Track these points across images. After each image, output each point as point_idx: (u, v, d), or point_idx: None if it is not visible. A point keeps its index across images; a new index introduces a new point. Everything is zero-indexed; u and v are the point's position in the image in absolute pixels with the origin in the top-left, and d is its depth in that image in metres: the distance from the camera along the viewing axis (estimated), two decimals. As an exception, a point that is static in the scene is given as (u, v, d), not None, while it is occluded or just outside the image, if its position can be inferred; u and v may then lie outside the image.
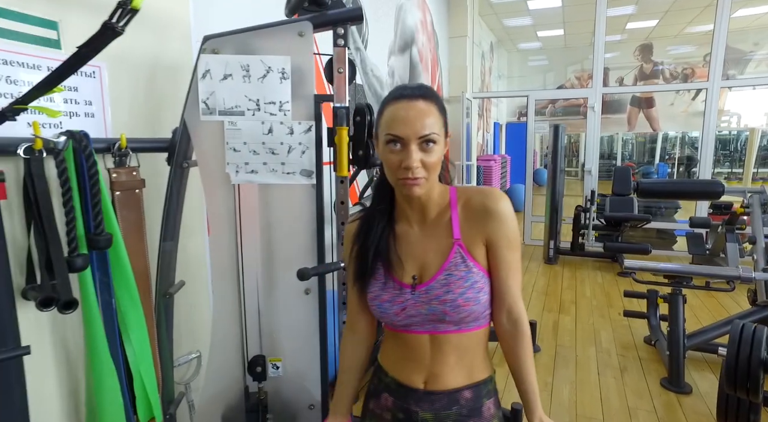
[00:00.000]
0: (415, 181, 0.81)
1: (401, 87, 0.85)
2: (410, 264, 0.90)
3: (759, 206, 2.65)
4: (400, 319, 0.89)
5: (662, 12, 7.03)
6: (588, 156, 5.48)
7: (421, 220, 0.91)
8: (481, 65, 7.18)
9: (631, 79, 9.23)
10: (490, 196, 0.88)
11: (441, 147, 0.83)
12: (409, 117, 0.80)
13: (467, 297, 0.85)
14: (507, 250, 0.87)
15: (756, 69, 8.89)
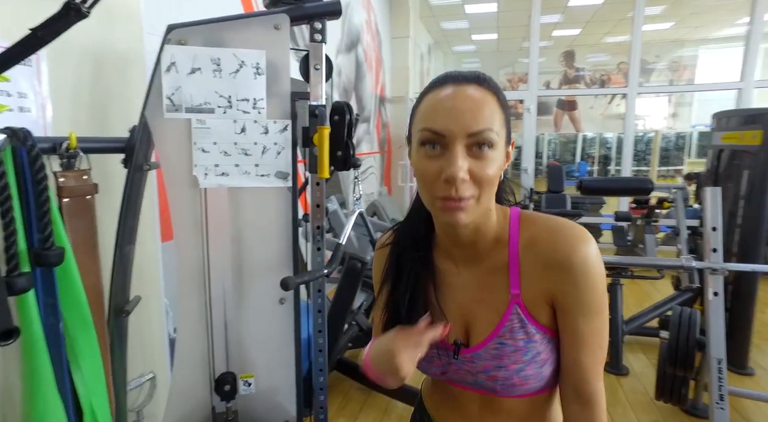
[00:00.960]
0: (459, 203, 0.56)
1: (449, 72, 0.62)
2: (453, 318, 0.68)
3: (682, 201, 2.93)
4: (442, 378, 0.73)
5: (585, 22, 7.56)
6: (524, 155, 5.76)
7: (468, 258, 0.68)
8: (420, 66, 7.29)
9: (556, 83, 9.83)
10: (565, 238, 0.61)
11: (501, 155, 0.59)
12: (455, 107, 0.56)
13: (525, 375, 0.63)
14: (582, 318, 0.62)
15: (658, 78, 9.89)
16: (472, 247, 0.66)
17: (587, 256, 0.60)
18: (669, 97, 10.86)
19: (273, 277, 1.25)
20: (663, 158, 12.42)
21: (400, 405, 2.33)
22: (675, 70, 9.77)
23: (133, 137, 1.16)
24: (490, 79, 0.61)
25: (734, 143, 2.69)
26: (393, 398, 2.35)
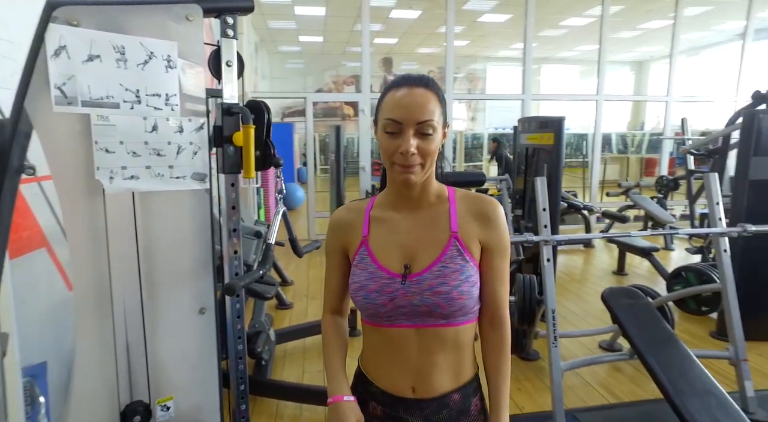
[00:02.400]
0: (409, 168, 0.81)
1: (404, 76, 0.86)
2: (399, 253, 0.88)
3: (506, 190, 3.59)
4: (387, 309, 0.86)
5: (402, 33, 8.38)
6: (362, 154, 6.12)
7: (412, 208, 0.90)
8: (250, 64, 7.05)
9: (377, 86, 10.65)
10: (491, 204, 0.90)
11: (439, 136, 0.83)
12: (408, 103, 0.80)
13: (462, 290, 0.84)
14: (500, 258, 0.89)
15: (459, 86, 11.59)
16: (418, 200, 0.89)
17: (501, 213, 0.90)
18: (468, 103, 12.78)
19: (190, 286, 1.17)
20: (468, 155, 14.59)
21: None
22: (471, 80, 11.57)
23: (3, 132, 0.94)
24: (433, 83, 0.85)
25: (535, 143, 3.41)
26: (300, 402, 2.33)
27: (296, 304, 3.79)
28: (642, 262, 4.85)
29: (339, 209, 0.97)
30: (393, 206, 0.91)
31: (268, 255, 1.31)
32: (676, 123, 6.64)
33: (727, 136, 4.26)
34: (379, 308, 0.87)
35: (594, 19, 7.46)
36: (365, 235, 0.91)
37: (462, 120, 13.30)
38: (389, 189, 0.92)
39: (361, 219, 0.93)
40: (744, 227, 2.22)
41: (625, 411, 2.28)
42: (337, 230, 0.95)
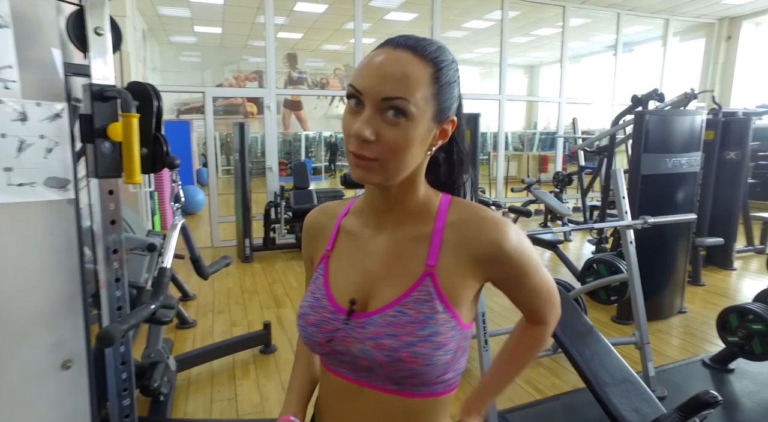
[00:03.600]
0: (362, 161, 0.57)
1: (401, 35, 0.61)
2: (356, 282, 0.66)
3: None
4: (324, 351, 0.66)
5: (306, 28, 8.07)
6: (268, 154, 5.75)
7: (386, 223, 0.67)
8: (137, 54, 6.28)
9: (281, 83, 10.19)
10: (497, 228, 0.62)
11: (418, 127, 0.58)
12: (377, 68, 0.56)
13: (415, 352, 0.59)
14: (525, 281, 0.67)
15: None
16: (389, 213, 0.66)
17: (515, 239, 0.63)
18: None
19: (45, 334, 0.86)
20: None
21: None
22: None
23: None
24: (435, 50, 0.59)
25: (449, 140, 3.40)
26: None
27: (200, 321, 3.38)
28: (546, 253, 5.14)
29: (314, 209, 0.78)
30: (366, 216, 0.69)
31: (162, 283, 1.03)
32: (567, 122, 7.22)
33: (613, 135, 4.66)
34: (316, 348, 0.67)
35: (493, 23, 7.83)
36: (328, 249, 0.71)
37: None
38: (365, 192, 0.69)
39: (332, 227, 0.73)
40: (645, 219, 2.36)
41: (550, 405, 2.31)
42: (308, 236, 0.77)
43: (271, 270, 4.76)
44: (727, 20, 8.15)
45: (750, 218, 5.05)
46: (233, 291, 4.09)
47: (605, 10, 7.29)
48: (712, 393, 1.55)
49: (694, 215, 2.50)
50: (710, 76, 8.35)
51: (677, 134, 3.12)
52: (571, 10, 7.02)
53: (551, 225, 6.66)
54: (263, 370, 2.67)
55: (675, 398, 2.30)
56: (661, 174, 3.08)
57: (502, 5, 6.50)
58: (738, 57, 8.17)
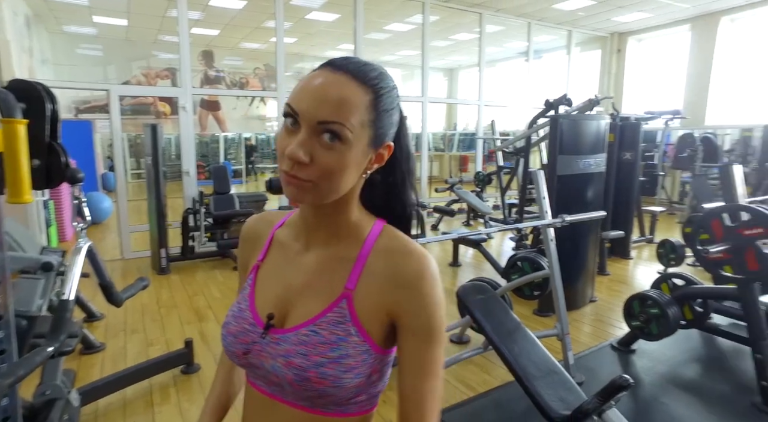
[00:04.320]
0: (295, 180, 0.57)
1: (344, 57, 0.61)
2: (279, 296, 0.66)
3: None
4: (241, 363, 0.66)
5: (223, 24, 7.68)
6: (185, 157, 5.38)
7: (316, 241, 0.67)
8: (22, 42, 5.57)
9: (197, 81, 9.62)
10: (418, 263, 0.61)
11: (353, 151, 0.57)
12: (316, 90, 0.56)
13: (324, 373, 0.59)
14: (424, 343, 0.61)
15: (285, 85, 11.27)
16: (319, 231, 0.66)
17: (433, 279, 0.62)
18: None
19: None
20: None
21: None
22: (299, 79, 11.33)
23: None
24: (375, 77, 0.59)
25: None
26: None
27: (110, 343, 3.06)
28: (468, 251, 5.34)
29: (255, 215, 0.78)
30: (298, 231, 0.69)
31: (63, 320, 0.89)
32: (485, 124, 7.57)
33: (529, 136, 4.96)
34: (234, 358, 0.67)
35: (414, 26, 7.99)
36: (260, 259, 0.71)
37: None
38: (300, 206, 0.68)
39: (266, 236, 0.73)
40: (563, 218, 2.52)
41: (482, 402, 2.37)
42: (244, 243, 0.76)
43: (191, 282, 4.45)
44: (617, 35, 9.06)
45: (642, 211, 5.64)
46: (148, 307, 3.76)
47: (517, 19, 7.74)
48: (625, 377, 1.68)
49: (603, 212, 2.71)
50: (606, 85, 9.22)
51: (587, 137, 3.38)
52: (487, 17, 7.37)
53: (474, 223, 6.94)
54: (186, 392, 2.47)
55: (592, 382, 2.49)
56: (574, 174, 3.32)
57: (424, 9, 6.66)
58: (627, 68, 9.11)
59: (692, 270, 4.49)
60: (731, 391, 2.43)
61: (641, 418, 2.24)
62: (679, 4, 7.05)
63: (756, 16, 7.46)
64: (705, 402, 2.34)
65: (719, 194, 6.46)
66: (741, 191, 2.27)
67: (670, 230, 6.40)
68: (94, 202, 7.11)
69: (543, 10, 7.31)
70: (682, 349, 2.88)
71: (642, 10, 7.42)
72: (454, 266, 4.85)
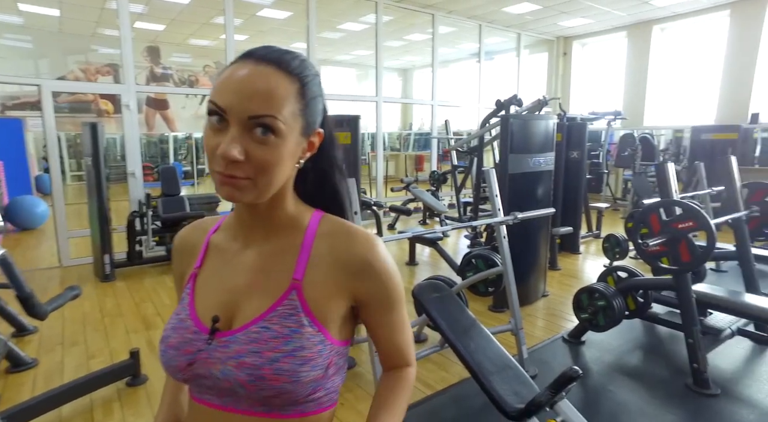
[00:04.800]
0: (232, 179, 0.55)
1: (262, 46, 0.59)
2: (222, 299, 0.63)
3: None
4: (185, 377, 0.62)
5: (170, 19, 7.35)
6: (130, 158, 5.10)
7: (255, 238, 0.65)
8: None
9: (143, 79, 9.16)
10: (367, 243, 0.63)
11: (287, 143, 0.57)
12: (241, 84, 0.54)
13: (280, 368, 0.57)
14: (391, 311, 0.67)
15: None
16: (258, 227, 0.65)
17: (384, 256, 0.65)
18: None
19: None
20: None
21: None
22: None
23: None
24: (300, 64, 0.60)
25: (332, 143, 3.35)
26: None
27: (44, 359, 2.83)
28: (425, 249, 5.40)
29: (187, 226, 0.75)
30: (235, 231, 0.68)
31: None
32: (439, 124, 7.67)
33: (482, 136, 5.07)
34: (176, 374, 0.62)
35: (368, 26, 7.99)
36: (197, 267, 0.69)
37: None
38: (235, 208, 0.67)
39: (201, 243, 0.70)
40: (515, 215, 2.59)
41: (441, 399, 2.40)
42: (178, 254, 0.73)
43: (138, 288, 4.22)
44: (563, 39, 9.46)
45: (589, 208, 5.91)
46: (90, 316, 3.54)
47: (468, 21, 7.91)
48: (575, 369, 1.74)
49: (553, 209, 2.81)
50: (553, 86, 9.60)
51: (536, 136, 3.49)
52: (440, 18, 7.48)
53: (430, 222, 7.03)
54: (131, 407, 2.33)
55: (545, 374, 2.57)
56: (524, 173, 3.42)
57: (377, 9, 6.66)
58: (573, 71, 9.53)
59: (635, 263, 4.76)
60: (669, 375, 2.59)
61: (591, 406, 2.34)
62: (616, 11, 7.45)
63: (683, 26, 8.01)
64: (646, 386, 2.47)
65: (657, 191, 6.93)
66: (674, 188, 2.41)
67: (615, 226, 6.75)
68: (27, 206, 6.63)
69: (493, 13, 7.50)
70: (626, 338, 3.03)
71: (584, 16, 7.77)
72: (411, 265, 4.88)
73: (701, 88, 7.94)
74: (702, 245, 2.27)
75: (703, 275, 3.31)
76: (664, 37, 8.30)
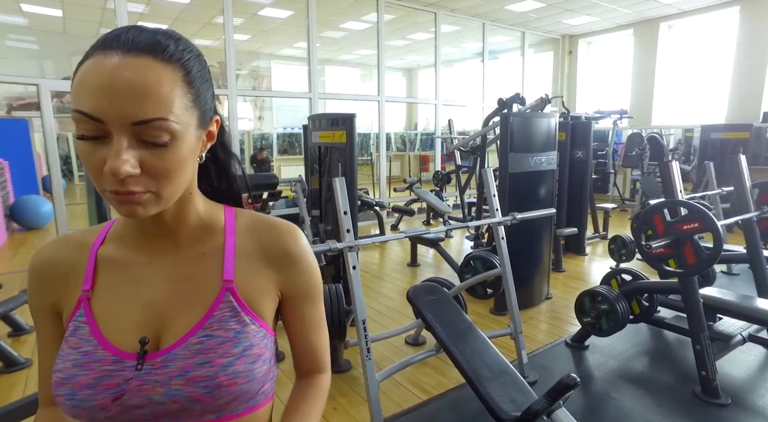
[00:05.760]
0: (132, 197, 0.48)
1: (117, 32, 0.48)
2: (140, 319, 0.57)
3: (301, 192, 3.36)
4: (109, 414, 0.53)
5: (171, 19, 7.33)
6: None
7: (164, 247, 0.59)
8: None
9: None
10: (289, 234, 0.63)
11: (187, 142, 0.51)
12: (113, 83, 0.45)
13: (235, 371, 0.55)
14: (311, 304, 0.66)
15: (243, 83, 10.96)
16: (172, 234, 0.59)
17: (305, 247, 0.65)
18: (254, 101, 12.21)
19: None
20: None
21: None
22: (256, 78, 11.05)
23: None
24: (176, 47, 0.50)
25: (327, 141, 3.28)
26: None
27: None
28: (428, 251, 5.32)
29: (47, 243, 0.62)
30: (135, 242, 0.59)
31: None
32: (443, 123, 7.59)
33: (485, 135, 4.98)
34: (96, 413, 0.53)
35: (370, 25, 7.92)
36: (86, 289, 0.58)
37: (249, 120, 12.65)
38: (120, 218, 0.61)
39: (84, 261, 0.59)
40: (513, 216, 2.50)
41: (436, 405, 2.32)
42: (42, 278, 0.60)
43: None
44: (568, 37, 9.33)
45: (595, 208, 5.79)
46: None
47: (472, 20, 7.82)
48: (572, 376, 1.66)
49: (553, 209, 2.72)
50: (559, 85, 9.48)
51: (537, 135, 3.39)
52: (443, 17, 7.40)
53: (434, 223, 6.94)
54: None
55: (545, 380, 2.48)
56: (525, 172, 3.33)
57: (378, 8, 6.59)
58: (579, 69, 9.39)
59: (642, 265, 4.64)
60: (675, 382, 2.48)
61: (594, 414, 2.24)
62: (622, 9, 7.32)
63: (691, 23, 7.85)
64: (652, 394, 2.37)
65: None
66: (679, 188, 2.31)
67: (622, 227, 6.62)
68: (32, 206, 6.65)
69: (496, 11, 7.40)
70: (632, 343, 2.93)
71: (589, 14, 7.65)
72: (412, 266, 4.81)
73: (711, 86, 7.78)
74: (709, 246, 2.16)
75: (712, 278, 3.19)
76: (672, 35, 8.15)
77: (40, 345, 0.63)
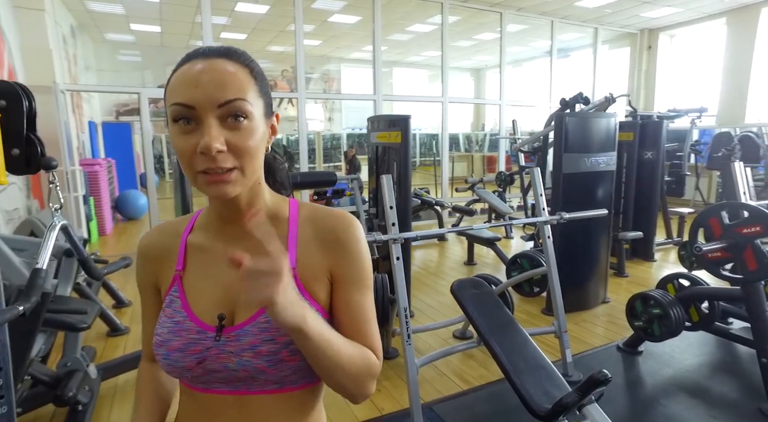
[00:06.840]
0: (222, 175, 0.56)
1: (198, 48, 0.63)
2: (219, 297, 0.65)
3: (358, 189, 3.57)
4: (195, 374, 0.64)
5: (250, 28, 7.95)
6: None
7: (238, 234, 0.66)
8: (65, 51, 5.97)
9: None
10: (342, 221, 0.68)
11: (261, 127, 0.60)
12: (202, 77, 0.56)
13: (294, 349, 0.61)
14: (359, 291, 0.67)
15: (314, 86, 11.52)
16: (240, 222, 0.66)
17: (357, 234, 0.68)
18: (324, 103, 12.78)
19: None
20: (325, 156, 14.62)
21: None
22: (326, 81, 11.57)
23: None
24: (242, 53, 0.63)
25: (384, 141, 3.46)
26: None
27: (135, 328, 3.27)
28: (488, 251, 5.33)
29: (151, 230, 0.75)
30: (215, 229, 0.69)
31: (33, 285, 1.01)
32: (509, 124, 7.50)
33: (546, 135, 4.90)
34: (184, 373, 0.65)
35: (436, 26, 8.02)
36: (179, 269, 0.69)
37: (319, 121, 13.24)
38: (209, 206, 0.70)
39: (177, 246, 0.70)
40: (561, 215, 2.52)
41: (476, 395, 2.41)
42: (146, 259, 0.73)
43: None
44: (647, 31, 8.76)
45: (668, 213, 5.45)
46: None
47: (540, 18, 7.64)
48: (603, 372, 1.69)
49: (605, 210, 2.68)
50: (636, 82, 8.94)
51: (594, 135, 3.33)
52: (509, 17, 7.31)
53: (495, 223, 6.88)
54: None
55: (590, 381, 2.47)
56: (580, 172, 3.28)
57: (442, 10, 6.68)
58: (658, 65, 8.79)
59: (716, 273, 4.33)
60: (738, 396, 2.36)
61: (636, 416, 2.21)
62: (713, -3, 6.78)
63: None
64: (708, 405, 2.28)
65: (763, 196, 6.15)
66: (743, 189, 2.20)
67: (700, 233, 6.15)
68: (131, 199, 7.53)
69: (566, 8, 7.18)
70: (693, 353, 2.80)
71: (672, 5, 7.16)
72: (469, 264, 4.86)
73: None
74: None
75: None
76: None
77: (144, 311, 0.75)
